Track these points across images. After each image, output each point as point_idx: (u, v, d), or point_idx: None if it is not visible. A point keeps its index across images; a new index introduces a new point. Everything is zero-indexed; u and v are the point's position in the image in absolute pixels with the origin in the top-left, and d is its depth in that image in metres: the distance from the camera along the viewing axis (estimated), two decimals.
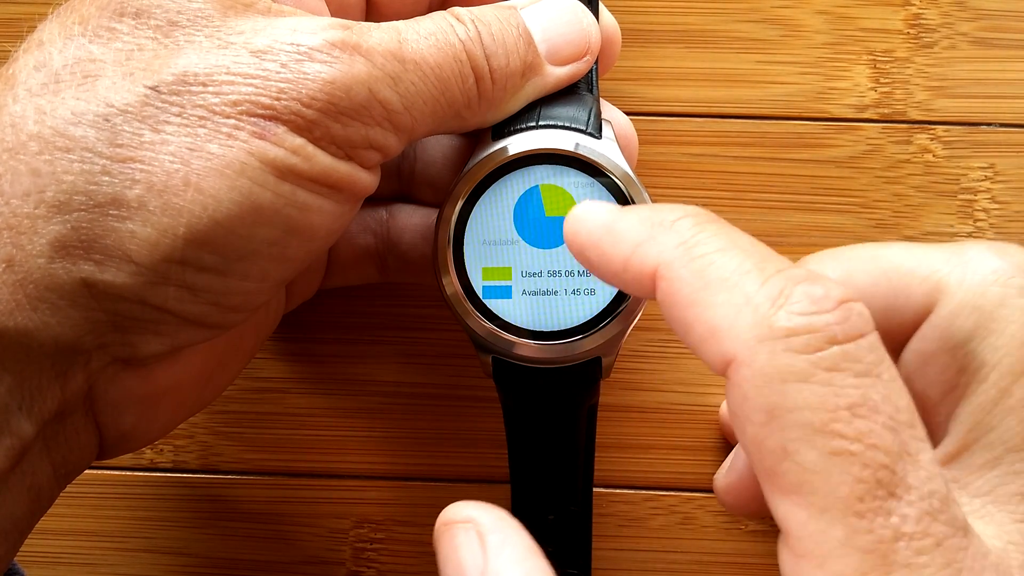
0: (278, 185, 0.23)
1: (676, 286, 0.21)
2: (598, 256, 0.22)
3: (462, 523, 0.22)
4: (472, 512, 0.22)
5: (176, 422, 0.28)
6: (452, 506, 0.23)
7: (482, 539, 0.22)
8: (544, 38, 0.27)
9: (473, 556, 0.22)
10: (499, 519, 0.22)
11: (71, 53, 0.23)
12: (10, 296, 0.21)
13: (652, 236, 0.21)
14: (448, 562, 0.22)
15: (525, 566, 0.21)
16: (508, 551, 0.21)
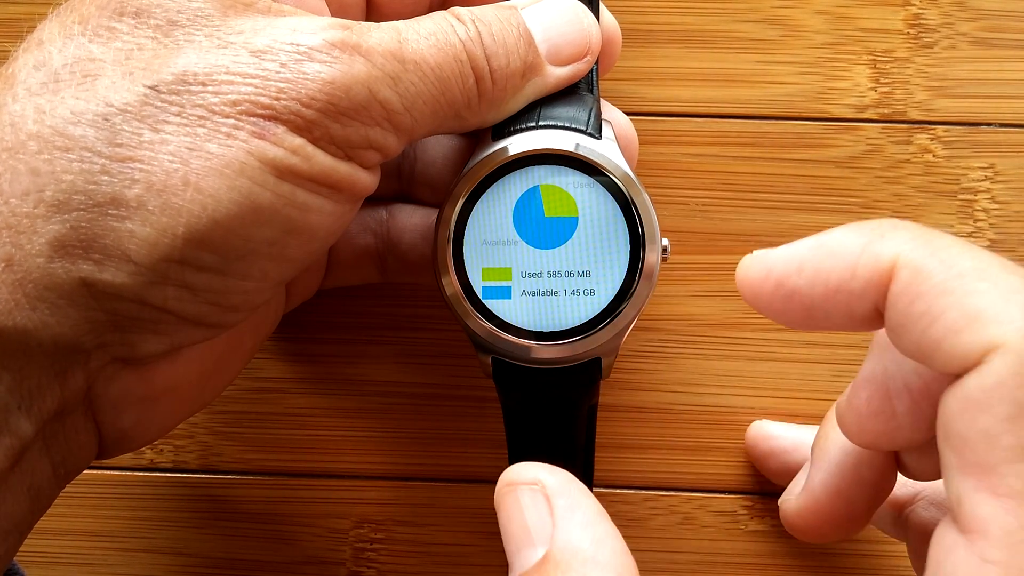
0: (277, 185, 0.23)
1: (923, 276, 0.20)
2: (814, 271, 0.21)
3: (528, 484, 0.22)
4: (539, 474, 0.22)
5: (176, 422, 0.28)
6: (516, 466, 0.23)
7: (549, 502, 0.22)
8: (545, 38, 0.27)
9: (540, 519, 0.21)
10: (567, 482, 0.22)
11: (71, 52, 0.23)
12: (9, 296, 0.21)
13: (879, 235, 0.21)
14: (511, 522, 0.22)
15: (595, 531, 0.21)
16: (578, 515, 0.21)
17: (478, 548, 0.34)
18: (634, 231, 0.27)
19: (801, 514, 0.26)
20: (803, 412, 0.34)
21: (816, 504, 0.26)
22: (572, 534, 0.21)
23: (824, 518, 0.26)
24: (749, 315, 0.34)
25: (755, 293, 0.22)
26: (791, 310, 0.22)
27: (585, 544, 0.21)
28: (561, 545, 0.21)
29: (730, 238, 0.34)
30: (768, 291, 0.22)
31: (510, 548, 0.22)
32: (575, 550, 0.21)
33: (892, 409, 0.23)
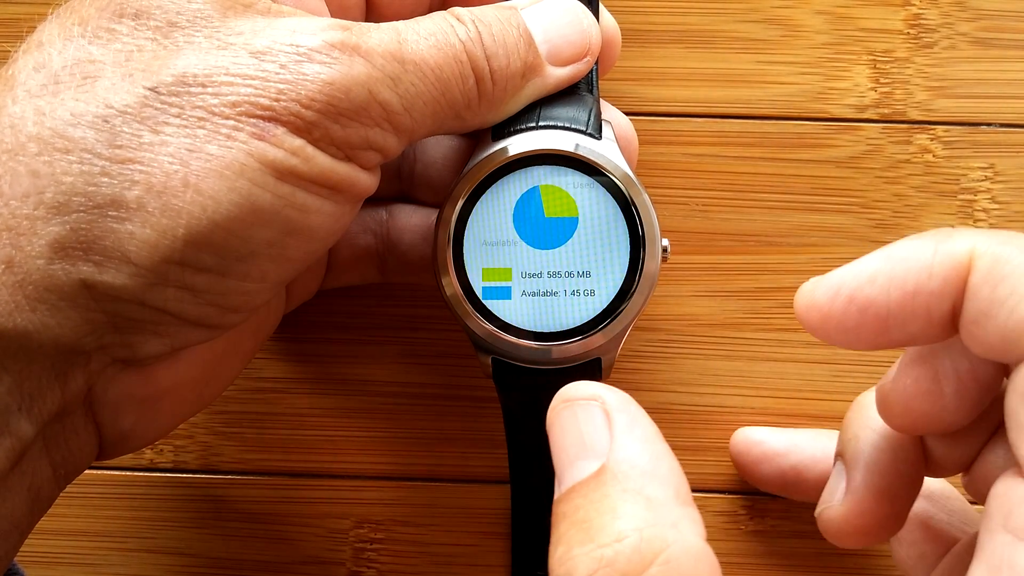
0: (277, 186, 0.23)
1: (1003, 261, 0.20)
2: (887, 278, 0.21)
3: (587, 399, 0.22)
4: (598, 390, 0.22)
5: (176, 423, 0.28)
6: (572, 385, 0.22)
7: (609, 417, 0.21)
8: (545, 39, 0.27)
9: (599, 433, 0.21)
10: (626, 400, 0.22)
11: (70, 54, 0.23)
12: (10, 297, 0.21)
13: (947, 236, 0.21)
14: (566, 435, 0.22)
15: (654, 447, 0.21)
16: (637, 431, 0.21)
17: (478, 548, 0.34)
18: (634, 231, 0.27)
19: (849, 519, 0.25)
20: (803, 412, 0.34)
21: (862, 507, 0.25)
22: (631, 448, 0.21)
23: (871, 520, 0.25)
24: (749, 315, 0.34)
25: (824, 314, 0.22)
26: (865, 325, 0.22)
27: (644, 459, 0.21)
28: (619, 457, 0.21)
29: (730, 238, 0.34)
30: (839, 309, 0.22)
31: (562, 462, 0.22)
32: (633, 463, 0.21)
33: (939, 390, 0.23)
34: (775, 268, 0.34)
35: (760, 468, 0.32)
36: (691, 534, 0.20)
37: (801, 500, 0.32)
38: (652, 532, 0.19)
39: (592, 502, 0.20)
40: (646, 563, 0.19)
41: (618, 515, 0.20)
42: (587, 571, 0.19)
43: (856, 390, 0.33)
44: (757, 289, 0.34)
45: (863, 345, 0.22)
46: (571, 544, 0.20)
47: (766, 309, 0.34)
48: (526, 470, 0.31)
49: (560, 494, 0.21)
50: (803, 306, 0.23)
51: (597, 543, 0.19)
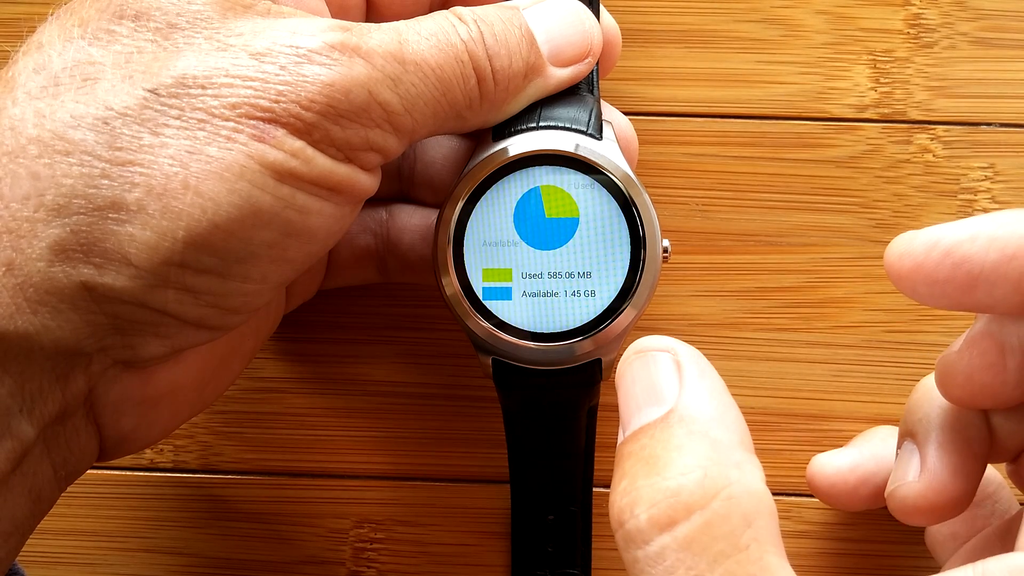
0: (277, 188, 0.23)
1: None
2: (988, 238, 0.22)
3: (660, 350, 0.22)
4: (671, 343, 0.23)
5: (176, 424, 0.28)
6: (645, 338, 0.23)
7: (680, 368, 0.22)
8: (547, 39, 0.27)
9: (669, 382, 0.22)
10: (697, 354, 0.22)
11: (70, 56, 0.23)
12: (10, 300, 0.21)
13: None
14: (637, 383, 0.22)
15: (721, 399, 0.22)
16: (707, 383, 0.22)
17: (478, 548, 0.34)
18: (635, 232, 0.27)
19: (926, 496, 0.26)
20: (803, 412, 0.34)
21: (939, 484, 0.26)
22: (699, 397, 0.21)
23: (947, 497, 0.26)
24: (749, 315, 0.34)
25: (917, 264, 0.23)
26: (954, 280, 0.22)
27: (711, 406, 0.21)
28: (687, 403, 0.21)
29: (730, 238, 0.34)
30: (934, 260, 0.22)
31: (629, 408, 0.22)
32: (701, 408, 0.21)
33: (1003, 364, 0.24)
34: (775, 268, 0.34)
35: (861, 491, 0.30)
36: (753, 476, 0.20)
37: None
38: (716, 470, 0.20)
39: (658, 441, 0.21)
40: (708, 497, 0.20)
41: (684, 452, 0.20)
42: (651, 501, 0.20)
43: (856, 390, 0.34)
44: (757, 289, 0.34)
45: (944, 302, 0.23)
46: (635, 477, 0.21)
47: (766, 309, 0.34)
48: (526, 470, 0.31)
49: (625, 436, 0.22)
50: (897, 254, 0.23)
51: (662, 476, 0.20)
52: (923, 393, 0.27)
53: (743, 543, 0.19)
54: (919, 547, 0.32)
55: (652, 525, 0.20)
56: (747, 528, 0.19)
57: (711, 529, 0.19)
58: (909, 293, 0.23)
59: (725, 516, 0.19)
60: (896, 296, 0.34)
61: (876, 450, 0.31)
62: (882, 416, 0.34)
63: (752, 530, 0.19)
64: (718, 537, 0.19)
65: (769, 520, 0.20)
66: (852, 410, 0.34)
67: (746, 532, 0.19)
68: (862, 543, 0.33)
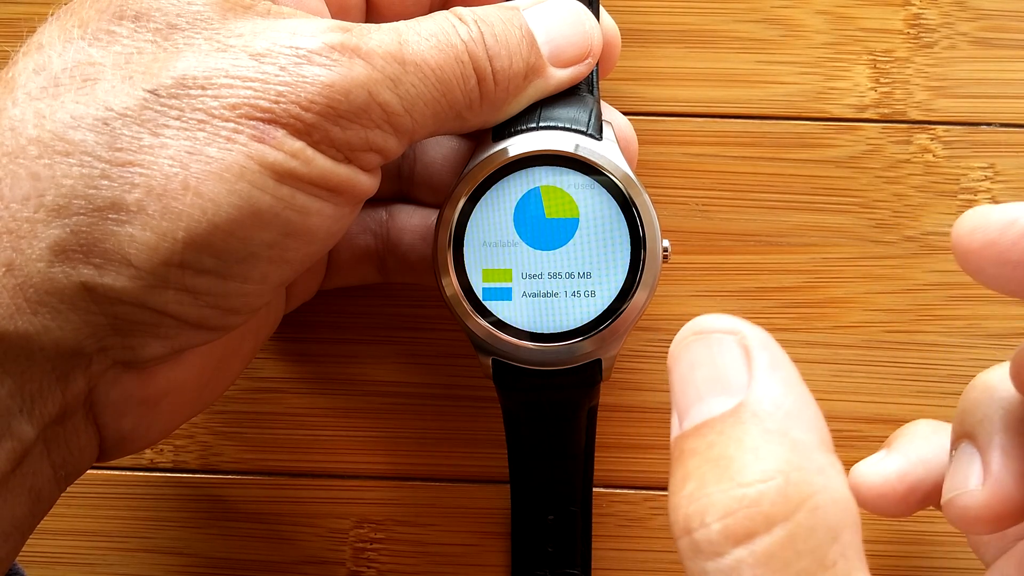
0: (277, 188, 0.23)
1: None
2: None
3: (726, 332, 0.20)
4: (737, 324, 0.20)
5: (176, 424, 0.28)
6: (706, 316, 0.20)
7: (748, 354, 0.19)
8: (547, 40, 0.27)
9: (737, 369, 0.19)
10: (768, 338, 0.20)
11: (70, 56, 0.23)
12: (10, 300, 0.21)
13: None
14: (697, 369, 0.20)
15: (798, 391, 0.19)
16: (781, 373, 0.19)
17: (478, 548, 0.34)
18: (635, 232, 0.27)
19: (991, 504, 0.24)
20: None
21: (1005, 491, 0.24)
22: (773, 389, 0.19)
23: (1013, 505, 0.24)
24: (749, 315, 0.34)
25: (990, 241, 0.21)
26: None
27: (788, 401, 0.19)
28: (760, 396, 0.19)
29: (730, 238, 0.34)
30: (1009, 239, 0.21)
31: (688, 397, 0.20)
32: (777, 403, 0.19)
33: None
34: (775, 268, 0.34)
35: (910, 501, 0.29)
36: (838, 483, 0.18)
37: None
38: (799, 476, 0.18)
39: (730, 439, 0.18)
40: (792, 508, 0.17)
41: (761, 455, 0.18)
42: (725, 510, 0.18)
43: (856, 390, 0.34)
44: (757, 289, 0.34)
45: (1010, 286, 0.21)
46: (705, 481, 0.18)
47: (766, 309, 0.34)
48: (526, 470, 0.31)
49: (685, 430, 0.19)
50: (968, 228, 0.21)
51: (737, 481, 0.18)
52: (982, 392, 0.25)
53: (830, 560, 0.17)
54: (925, 547, 0.32)
55: (726, 537, 0.18)
56: (833, 543, 0.18)
57: (794, 544, 0.17)
58: (973, 271, 0.22)
59: (810, 529, 0.17)
60: (896, 296, 0.34)
61: (922, 452, 0.29)
62: (882, 416, 0.34)
63: (839, 545, 0.18)
64: (802, 553, 0.17)
65: (855, 532, 0.18)
66: (852, 410, 0.34)
67: (833, 547, 0.18)
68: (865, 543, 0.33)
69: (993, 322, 0.34)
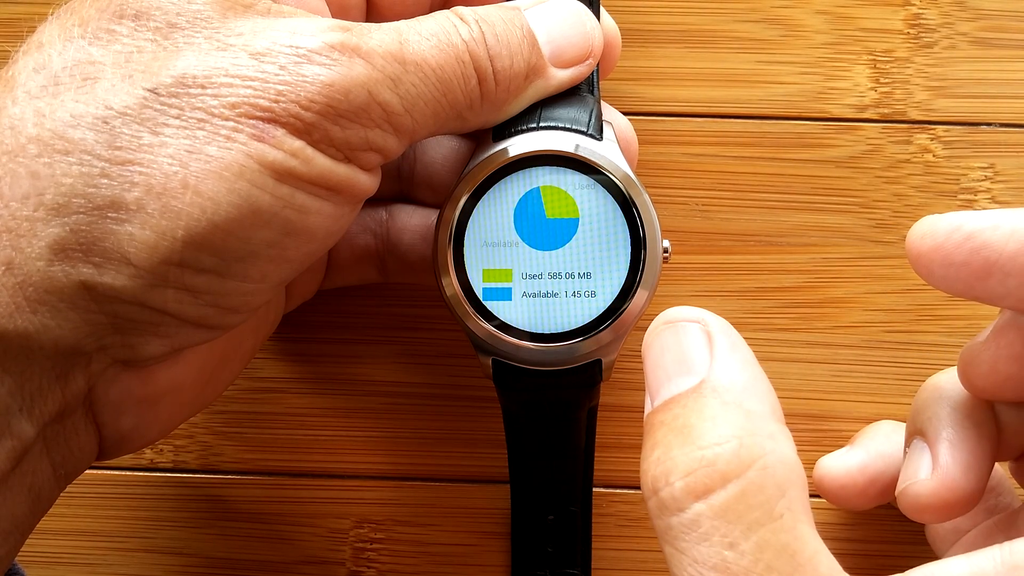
0: (277, 188, 0.23)
1: None
2: (1011, 228, 0.22)
3: (690, 321, 0.22)
4: (700, 313, 0.23)
5: (176, 423, 0.28)
6: (675, 308, 0.23)
7: (710, 339, 0.22)
8: (548, 40, 0.27)
9: (699, 352, 0.22)
10: (727, 325, 0.22)
11: (70, 55, 0.23)
12: (10, 299, 0.21)
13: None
14: (666, 353, 0.22)
15: (753, 370, 0.22)
16: (738, 355, 0.22)
17: (478, 548, 0.34)
18: (635, 232, 0.27)
19: (939, 493, 0.26)
20: (803, 412, 0.34)
21: (951, 481, 0.26)
22: (731, 368, 0.21)
23: (959, 495, 0.26)
24: (749, 315, 0.34)
25: (937, 245, 0.23)
26: (970, 265, 0.23)
27: (743, 377, 0.21)
28: (719, 374, 0.21)
29: (730, 238, 0.34)
30: (954, 243, 0.23)
31: (658, 378, 0.22)
32: (733, 380, 0.21)
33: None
34: (775, 268, 0.34)
35: (869, 492, 0.30)
36: (786, 447, 0.21)
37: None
38: (751, 440, 0.20)
39: (692, 411, 0.21)
40: (744, 466, 0.20)
41: (718, 423, 0.21)
42: (686, 470, 0.20)
43: (856, 390, 0.34)
44: (757, 289, 0.34)
45: (957, 286, 0.23)
46: (669, 446, 0.21)
47: (766, 309, 0.34)
48: (526, 470, 0.31)
49: (655, 406, 0.22)
50: (919, 234, 0.23)
51: (697, 445, 0.20)
52: (931, 392, 0.27)
53: (777, 512, 0.20)
54: (920, 547, 0.32)
55: (687, 493, 0.20)
56: (781, 497, 0.20)
57: (746, 498, 0.20)
58: (924, 274, 0.23)
59: (760, 485, 0.20)
60: (896, 296, 0.34)
61: (882, 448, 0.31)
62: (882, 416, 0.33)
63: (786, 500, 0.20)
64: (753, 506, 0.20)
65: (802, 490, 0.20)
66: (852, 410, 0.34)
67: (780, 501, 0.20)
68: (863, 543, 0.33)
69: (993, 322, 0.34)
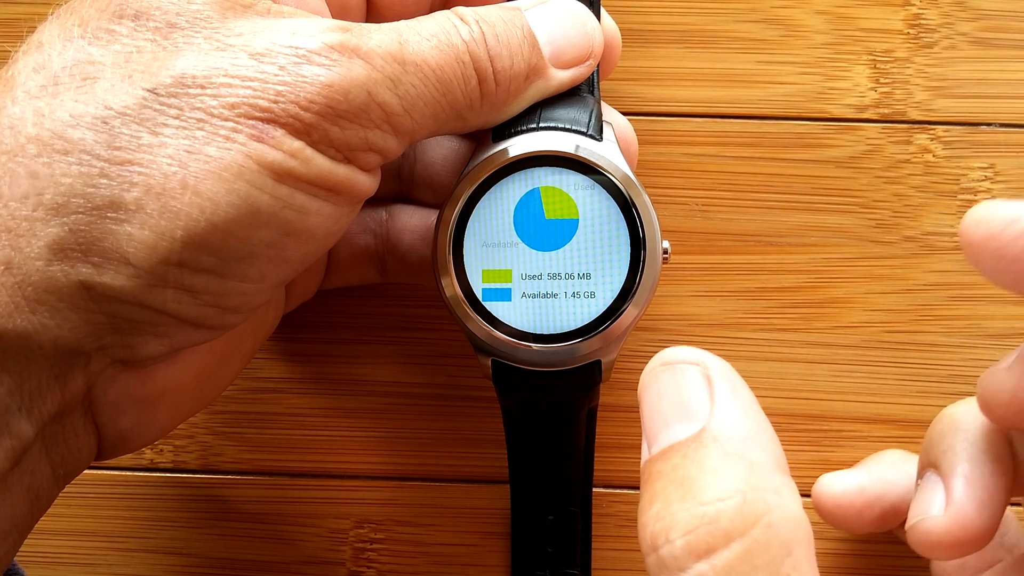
0: (276, 188, 0.23)
1: None
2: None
3: (690, 363, 0.22)
4: (700, 355, 0.22)
5: (175, 423, 0.28)
6: (672, 349, 0.22)
7: (710, 383, 0.21)
8: (549, 40, 0.27)
9: (699, 397, 0.21)
10: (728, 368, 0.22)
11: (70, 55, 0.23)
12: (9, 299, 0.21)
13: None
14: (664, 398, 0.21)
15: (755, 417, 0.21)
16: (740, 401, 0.21)
17: (478, 548, 0.34)
18: (635, 233, 0.27)
19: (951, 530, 0.25)
20: (803, 412, 0.34)
21: (965, 518, 0.25)
22: (732, 415, 0.21)
23: (973, 532, 0.25)
24: (749, 315, 0.34)
25: (992, 234, 0.22)
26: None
27: (746, 426, 0.20)
28: (720, 422, 0.20)
29: (730, 238, 0.34)
30: (1011, 235, 0.22)
31: (655, 424, 0.21)
32: (735, 428, 0.20)
33: None
34: (775, 268, 0.34)
35: (865, 516, 0.30)
36: (791, 501, 0.20)
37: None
38: (755, 495, 0.19)
39: (692, 462, 0.20)
40: (748, 524, 0.19)
41: (720, 476, 0.20)
42: (687, 527, 0.19)
43: (856, 390, 0.34)
44: (757, 289, 0.34)
45: (1007, 280, 0.22)
46: (669, 501, 0.20)
47: (766, 309, 0.34)
48: (526, 470, 0.31)
49: (653, 454, 0.21)
50: (974, 221, 0.22)
51: (699, 500, 0.19)
52: (947, 423, 0.26)
53: (783, 573, 0.19)
54: None
55: (688, 552, 0.19)
56: (787, 557, 0.19)
57: (751, 558, 0.19)
58: (975, 262, 0.22)
59: (765, 544, 0.19)
60: (896, 296, 0.34)
61: (884, 473, 0.30)
62: (882, 416, 0.34)
63: (792, 559, 0.19)
64: (758, 566, 0.19)
65: (808, 548, 0.19)
66: (852, 410, 0.34)
67: (786, 561, 0.19)
68: (862, 543, 0.33)
69: (993, 322, 0.34)
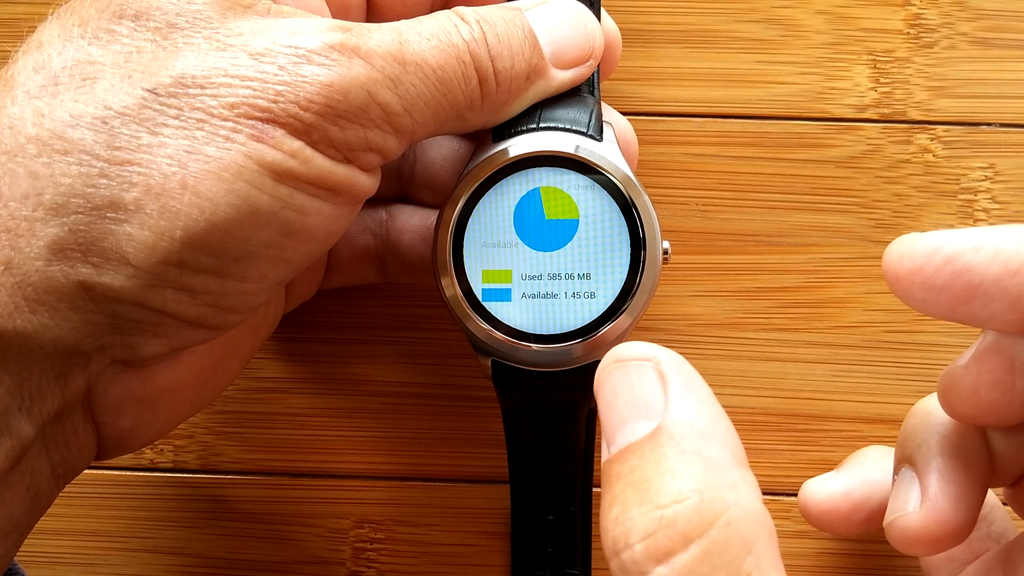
0: (275, 188, 0.23)
1: None
2: (994, 250, 0.21)
3: (641, 360, 0.21)
4: (652, 351, 0.21)
5: (175, 423, 0.28)
6: (624, 345, 0.22)
7: (663, 378, 0.21)
8: (549, 41, 0.27)
9: (653, 394, 0.21)
10: (680, 361, 0.21)
11: (70, 55, 0.23)
12: (9, 299, 0.21)
13: None
14: (618, 396, 0.21)
15: (710, 410, 0.21)
16: (694, 394, 0.21)
17: (478, 548, 0.34)
18: (635, 233, 0.27)
19: (927, 526, 0.25)
20: (803, 412, 0.34)
21: (940, 514, 0.25)
22: (687, 410, 0.20)
23: (949, 527, 0.25)
24: (749, 315, 0.34)
25: (917, 268, 0.22)
26: (952, 289, 0.22)
27: (701, 420, 0.20)
28: (675, 419, 0.20)
29: (730, 238, 0.34)
30: (934, 266, 0.22)
31: (612, 423, 0.21)
32: (690, 424, 0.20)
33: (1011, 382, 0.23)
34: (775, 268, 0.34)
35: (853, 519, 0.30)
36: (750, 496, 0.19)
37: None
38: (712, 493, 0.19)
39: (649, 463, 0.20)
40: (706, 524, 0.19)
41: (677, 476, 0.19)
42: (645, 531, 0.19)
43: (856, 390, 0.34)
44: (757, 289, 0.34)
45: (938, 310, 0.22)
46: (628, 504, 0.20)
47: (766, 309, 0.34)
48: (526, 470, 0.31)
49: (612, 455, 0.21)
50: (896, 256, 0.22)
51: (655, 503, 0.19)
52: (920, 418, 0.26)
53: (744, 571, 0.18)
54: None
55: (648, 557, 0.19)
56: (748, 555, 0.19)
57: (710, 559, 0.18)
58: (904, 297, 0.23)
59: (724, 544, 0.19)
60: None
61: (868, 474, 0.30)
62: (882, 416, 0.34)
63: (753, 556, 0.19)
64: (718, 567, 0.18)
65: (769, 543, 0.19)
66: (852, 410, 0.34)
67: (747, 559, 0.19)
68: (861, 543, 0.33)
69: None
